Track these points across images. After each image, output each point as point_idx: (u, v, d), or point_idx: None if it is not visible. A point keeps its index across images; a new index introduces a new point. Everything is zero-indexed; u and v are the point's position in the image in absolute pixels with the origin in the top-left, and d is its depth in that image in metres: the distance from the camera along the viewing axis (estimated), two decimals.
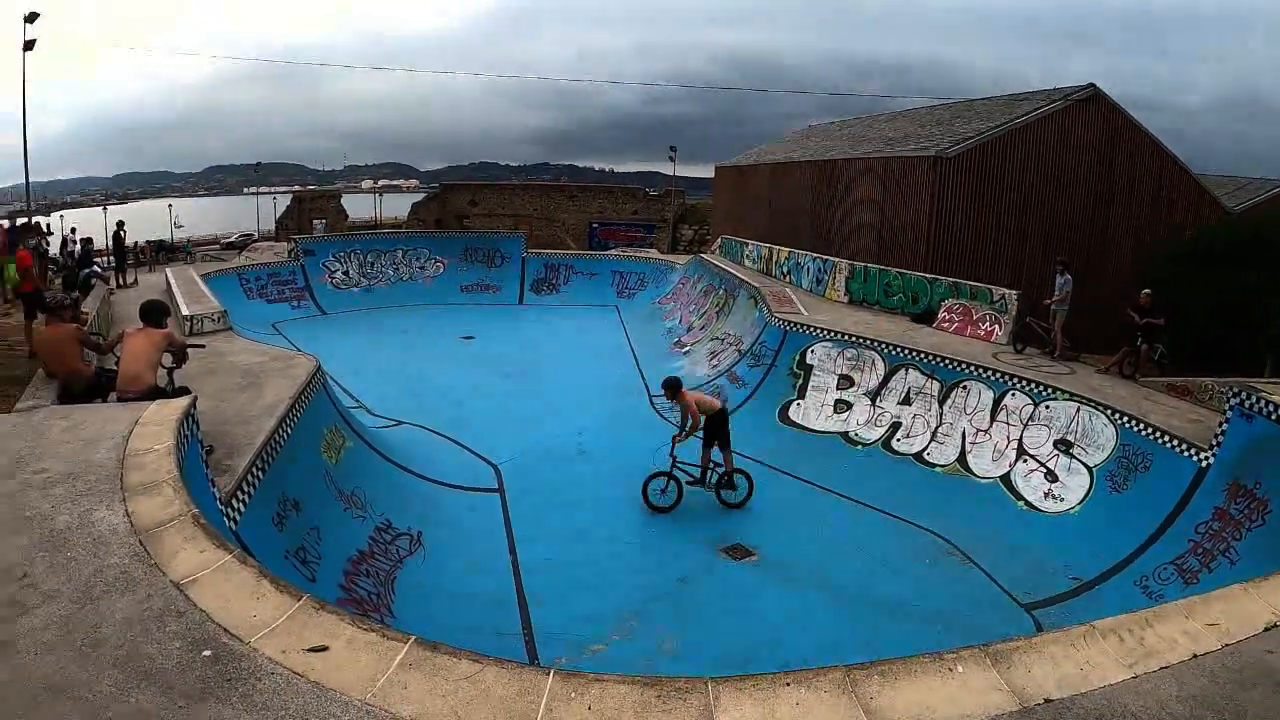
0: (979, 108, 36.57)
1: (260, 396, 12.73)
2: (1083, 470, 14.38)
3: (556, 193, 71.92)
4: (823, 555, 13.46)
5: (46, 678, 4.08)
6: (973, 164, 29.99)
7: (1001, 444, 15.84)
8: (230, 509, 8.67)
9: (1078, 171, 31.08)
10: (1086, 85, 31.50)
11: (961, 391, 17.02)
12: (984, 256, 29.70)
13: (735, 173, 53.33)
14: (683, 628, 11.13)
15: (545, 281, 38.54)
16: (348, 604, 9.84)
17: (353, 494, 12.87)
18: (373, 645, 4.50)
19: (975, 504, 15.01)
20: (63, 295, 12.82)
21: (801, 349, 20.33)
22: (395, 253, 37.98)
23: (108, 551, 5.32)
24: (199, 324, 19.01)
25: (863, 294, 24.88)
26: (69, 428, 7.71)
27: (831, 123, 54.47)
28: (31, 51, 33.98)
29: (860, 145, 39.70)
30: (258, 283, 32.69)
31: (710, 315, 28.57)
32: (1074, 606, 11.56)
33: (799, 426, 18.86)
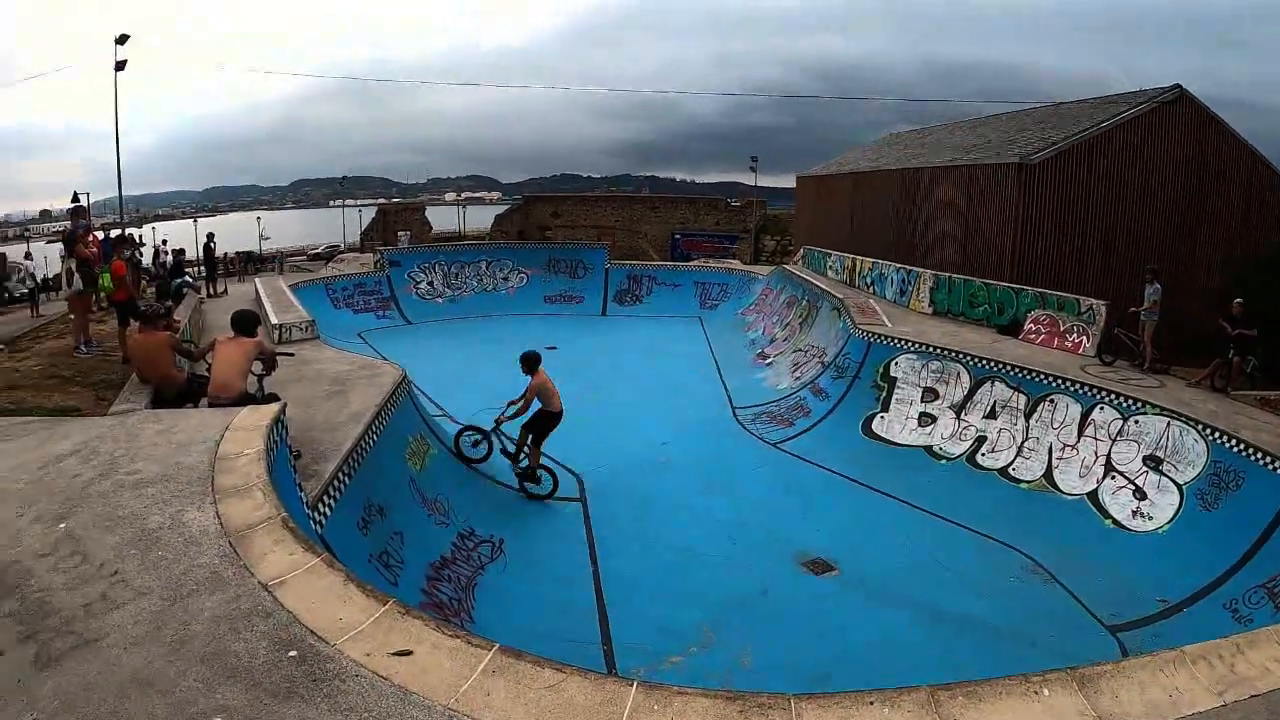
0: (1063, 112, 35.84)
1: (347, 404, 12.94)
2: (1172, 488, 13.99)
3: (638, 204, 71.91)
4: (905, 571, 13.28)
5: (135, 672, 4.19)
6: (1058, 170, 29.37)
7: (1089, 460, 15.49)
8: (317, 513, 8.83)
9: (1165, 176, 30.22)
10: (1172, 86, 30.62)
11: (1048, 405, 16.69)
12: (1070, 266, 29.05)
13: (817, 182, 53.00)
14: (762, 641, 11.05)
15: (628, 292, 38.66)
16: (429, 608, 9.93)
17: (436, 500, 13.02)
18: (457, 651, 4.53)
19: (1061, 521, 14.70)
20: (156, 304, 13.14)
21: (885, 361, 20.11)
22: (479, 264, 38.38)
23: (198, 551, 5.44)
24: (288, 332, 19.39)
25: (947, 305, 24.58)
26: (162, 431, 7.90)
27: (913, 130, 53.92)
28: (123, 71, 35.05)
29: (943, 153, 39.19)
30: (344, 293, 33.25)
31: (793, 326, 28.42)
32: (1160, 629, 11.25)
33: (882, 440, 18.67)
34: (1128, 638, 11.31)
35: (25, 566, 5.24)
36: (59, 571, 5.18)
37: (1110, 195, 29.82)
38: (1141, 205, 30.03)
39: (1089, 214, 29.76)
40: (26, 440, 7.80)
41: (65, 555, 5.38)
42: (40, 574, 5.15)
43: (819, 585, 12.78)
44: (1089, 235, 29.84)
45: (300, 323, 20.03)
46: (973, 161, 33.56)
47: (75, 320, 15.06)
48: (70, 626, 4.59)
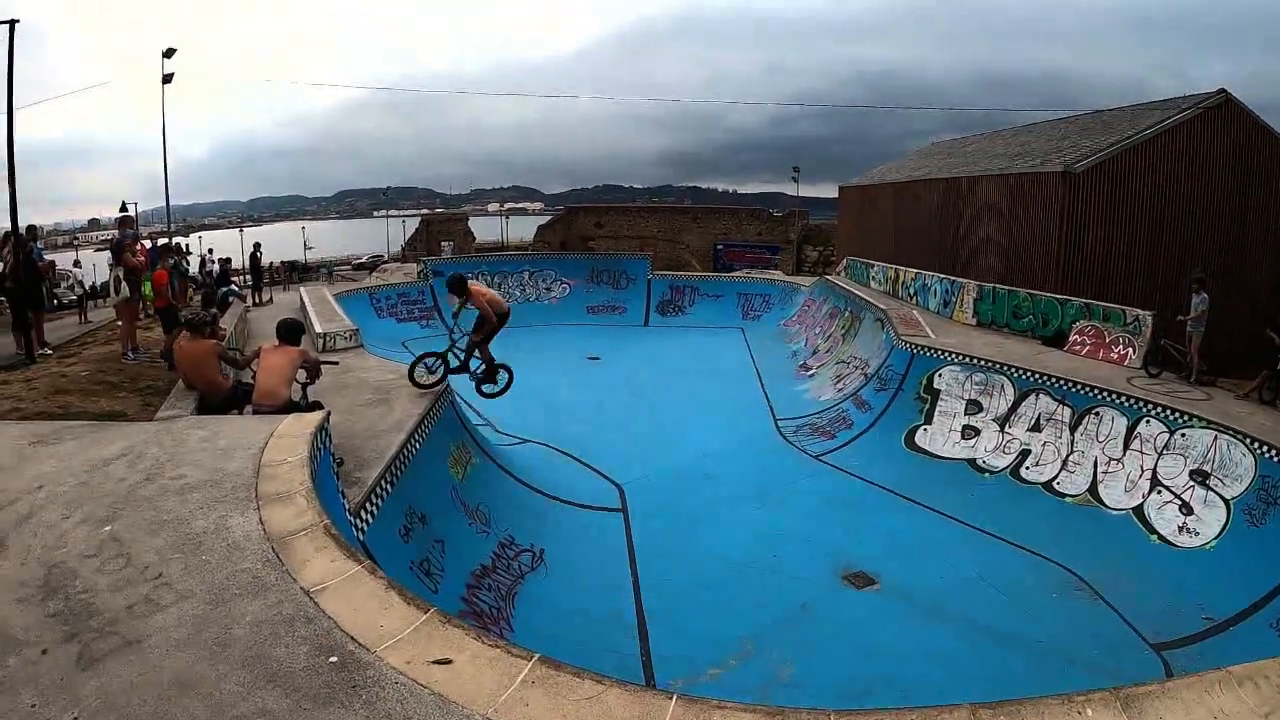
0: (1107, 119, 35.39)
1: (390, 412, 13.02)
2: (1219, 503, 13.69)
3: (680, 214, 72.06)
4: (946, 586, 13.17)
5: (176, 674, 4.23)
6: (1104, 178, 28.97)
7: (1135, 474, 15.23)
8: (359, 520, 8.88)
9: (1211, 183, 29.68)
10: (1217, 92, 30.11)
11: (1094, 418, 16.46)
12: (1116, 276, 28.65)
13: (859, 192, 52.81)
14: (801, 655, 11.01)
15: (671, 303, 38.71)
16: (468, 616, 9.99)
17: (478, 509, 13.08)
18: (496, 661, 4.53)
19: (1106, 537, 14.45)
20: (203, 312, 13.30)
21: (929, 373, 19.96)
22: (522, 274, 38.61)
23: (241, 556, 5.49)
24: (332, 341, 19.56)
25: (991, 316, 24.37)
26: (207, 437, 7.99)
27: (956, 139, 53.56)
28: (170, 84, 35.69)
29: (985, 161, 38.90)
30: (388, 302, 33.56)
31: (836, 338, 28.31)
32: (1206, 648, 11.02)
33: (925, 453, 18.52)
34: (1173, 656, 11.11)
35: (70, 568, 5.32)
36: (103, 573, 5.25)
37: (1155, 203, 29.39)
38: (1188, 212, 29.59)
39: (1134, 222, 29.37)
40: (73, 444, 7.91)
41: (110, 557, 5.45)
42: (85, 575, 5.22)
43: (860, 599, 12.71)
44: (1134, 244, 29.45)
45: (344, 331, 20.22)
46: (1016, 170, 33.29)
47: (122, 327, 15.27)
48: (113, 628, 4.65)
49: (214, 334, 12.19)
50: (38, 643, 4.51)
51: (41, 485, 6.72)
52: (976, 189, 35.57)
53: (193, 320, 11.65)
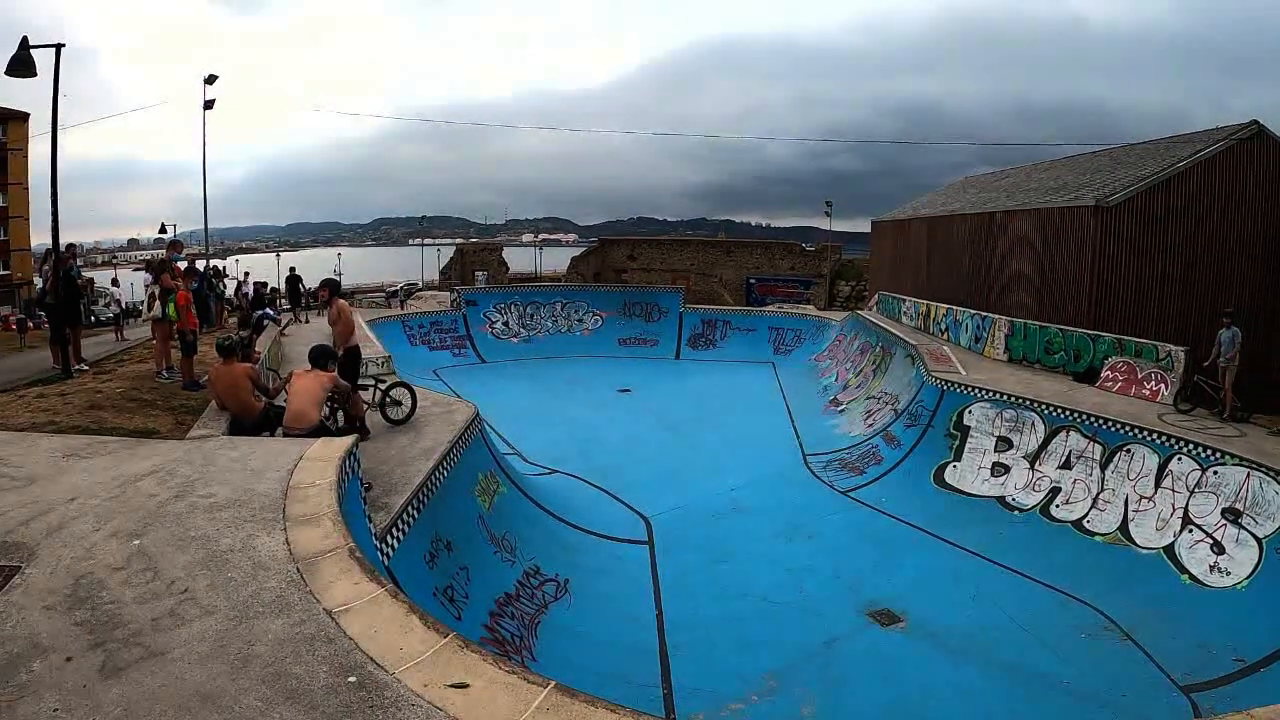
0: (1139, 152, 35.19)
1: (419, 439, 13.10)
2: (1252, 542, 13.45)
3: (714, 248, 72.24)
4: (973, 625, 13.05)
5: (198, 687, 4.28)
6: (1136, 212, 28.75)
7: (1166, 512, 15.04)
8: (385, 544, 8.94)
9: (1245, 215, 29.32)
10: (1250, 123, 29.93)
11: (1125, 455, 16.30)
12: (1149, 311, 28.38)
13: (892, 227, 52.72)
14: (825, 692, 10.96)
15: (702, 337, 38.77)
16: (490, 644, 10.00)
17: (503, 538, 13.12)
18: (512, 687, 4.54)
19: (1136, 576, 14.27)
20: (234, 336, 13.46)
21: (959, 409, 19.86)
22: (555, 305, 38.77)
23: (266, 575, 5.55)
24: (364, 367, 19.65)
25: (1023, 352, 24.24)
26: (238, 458, 8.12)
27: (989, 173, 53.46)
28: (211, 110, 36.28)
29: (1018, 196, 38.76)
30: (420, 330, 33.83)
31: (867, 373, 28.26)
32: (1236, 689, 10.78)
33: (954, 490, 18.39)
34: (1202, 698, 10.91)
35: (98, 579, 5.41)
36: (130, 585, 5.33)
37: (1189, 236, 29.12)
38: (1221, 245, 29.30)
39: (1167, 256, 29.12)
40: (106, 459, 8.06)
41: (137, 570, 5.54)
42: (112, 587, 5.30)
43: (886, 637, 12.63)
44: (1168, 278, 29.19)
45: (377, 358, 20.32)
46: (1049, 204, 33.16)
47: (157, 346, 15.44)
48: (138, 639, 4.71)
49: (248, 357, 12.31)
50: (63, 650, 4.57)
51: (74, 497, 6.85)
52: (1009, 223, 35.46)
53: (223, 344, 11.79)
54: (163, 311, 14.97)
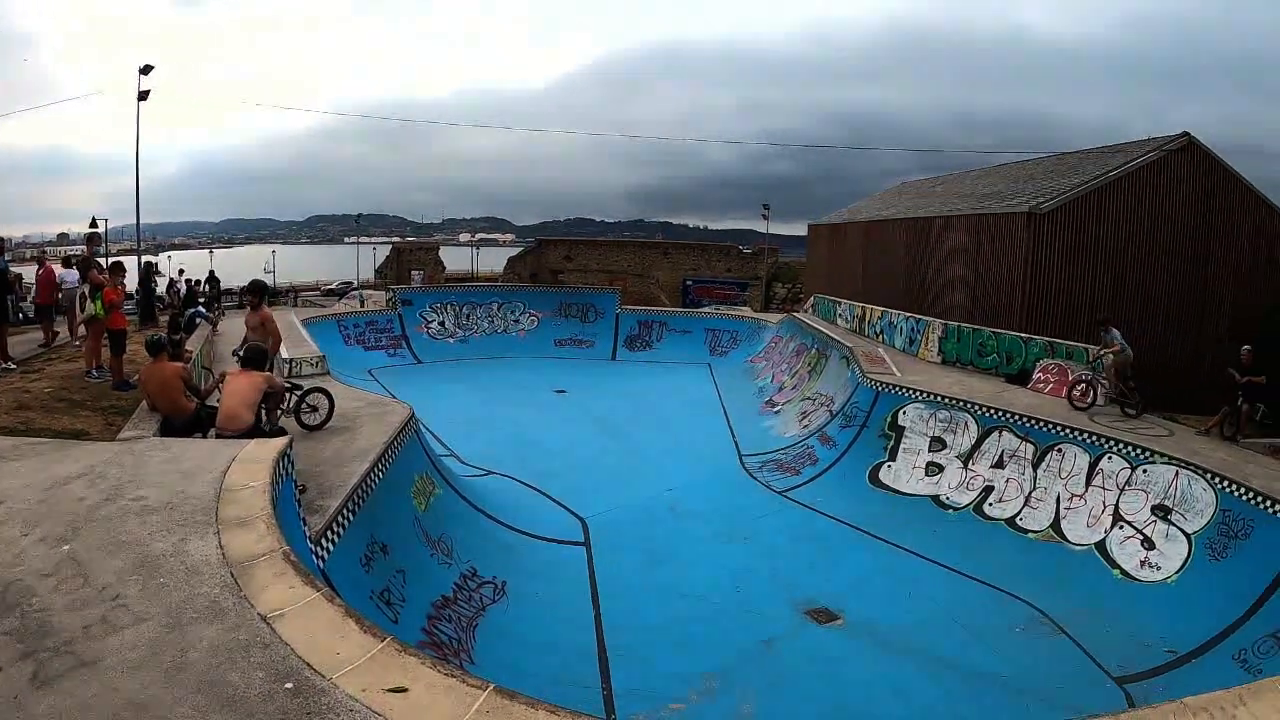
0: (1072, 161, 35.95)
1: (354, 441, 12.98)
2: (1181, 537, 13.85)
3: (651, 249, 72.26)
4: (910, 622, 13.22)
5: (131, 696, 4.19)
6: (1068, 219, 29.39)
7: (1097, 509, 15.38)
8: (320, 548, 8.84)
9: (1174, 225, 30.17)
10: (1180, 134, 30.73)
11: (1056, 455, 16.61)
12: (1080, 315, 28.98)
13: (829, 231, 53.20)
14: (764, 690, 11.02)
15: (639, 338, 38.80)
16: (429, 647, 9.92)
17: (440, 540, 13.02)
18: (451, 690, 4.51)
19: (1069, 572, 14.58)
20: (162, 335, 13.23)
21: (893, 410, 20.07)
22: (491, 305, 38.60)
23: (199, 581, 5.45)
24: (298, 368, 19.44)
25: (956, 354, 24.56)
26: (169, 459, 7.97)
27: (925, 179, 54.13)
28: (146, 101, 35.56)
29: (953, 202, 39.33)
30: (356, 330, 33.46)
31: (802, 375, 28.44)
32: (1169, 680, 11.11)
33: (889, 489, 18.59)
34: (1136, 689, 11.19)
35: (27, 585, 5.27)
36: (60, 593, 5.20)
37: (1119, 243, 29.85)
38: (1151, 253, 30.06)
39: (1098, 262, 29.79)
40: (34, 461, 7.87)
41: (67, 577, 5.41)
42: (42, 594, 5.18)
43: (823, 635, 12.73)
44: (1098, 284, 29.84)
45: (311, 358, 20.11)
46: (983, 210, 33.68)
47: (87, 345, 15.12)
48: (69, 647, 4.61)
49: (179, 356, 12.11)
50: None
51: (0, 501, 6.67)
52: (944, 229, 35.96)
53: (153, 342, 11.58)
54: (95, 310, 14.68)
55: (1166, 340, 29.73)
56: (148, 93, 35.84)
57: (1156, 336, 29.45)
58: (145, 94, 35.79)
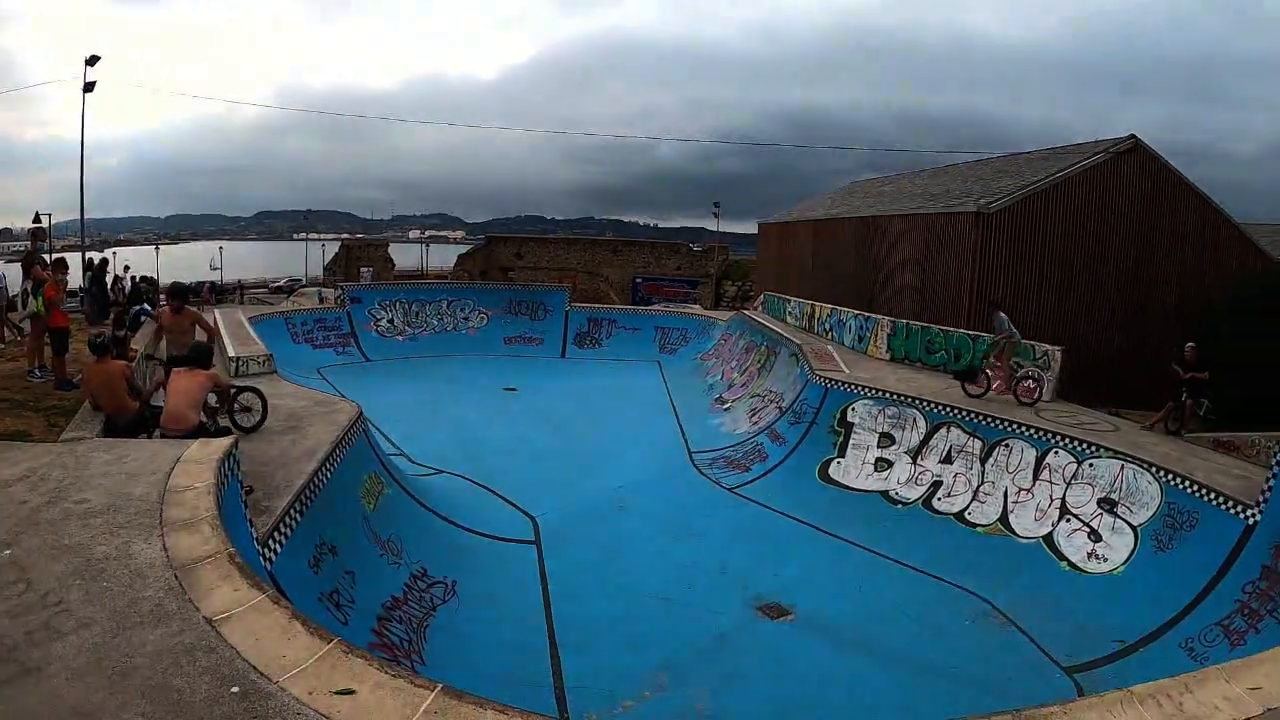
0: (1021, 162, 36.47)
1: (302, 440, 12.83)
2: (1127, 529, 14.10)
3: (601, 247, 72.41)
4: (861, 615, 13.32)
5: (76, 704, 4.13)
6: (1015, 219, 29.83)
7: (1044, 503, 15.58)
8: (267, 549, 8.74)
9: (1120, 225, 30.77)
10: (1127, 137, 31.29)
11: (1004, 450, 16.80)
12: (1027, 313, 29.36)
13: (779, 229, 53.47)
14: (717, 685, 11.04)
15: (588, 335, 38.70)
16: (379, 649, 9.84)
17: (389, 540, 12.90)
18: (400, 691, 4.50)
19: (1017, 564, 14.76)
20: (107, 333, 13.04)
21: (842, 407, 20.16)
22: (440, 303, 38.31)
23: (143, 584, 5.39)
24: (244, 366, 19.21)
25: (904, 351, 24.74)
26: (112, 461, 7.85)
27: (875, 178, 54.57)
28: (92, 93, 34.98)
29: (903, 201, 39.70)
30: (304, 328, 33.04)
31: (752, 372, 28.51)
32: (1117, 669, 11.28)
33: (839, 485, 18.67)
34: (1085, 679, 11.35)
35: None
36: (1, 598, 5.13)
37: (1066, 243, 30.34)
38: (1097, 252, 30.59)
39: (1045, 261, 30.25)
40: None
41: (9, 582, 5.33)
42: None
43: (775, 630, 12.77)
44: (1045, 282, 30.30)
45: (258, 356, 19.88)
46: (931, 210, 34.02)
47: (29, 344, 14.86)
48: (12, 654, 4.54)
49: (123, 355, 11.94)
50: None
51: None
52: (893, 227, 36.30)
53: (96, 341, 11.42)
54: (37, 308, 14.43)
55: (1112, 337, 30.25)
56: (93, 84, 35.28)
57: (1102, 334, 29.98)
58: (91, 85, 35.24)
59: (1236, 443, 15.97)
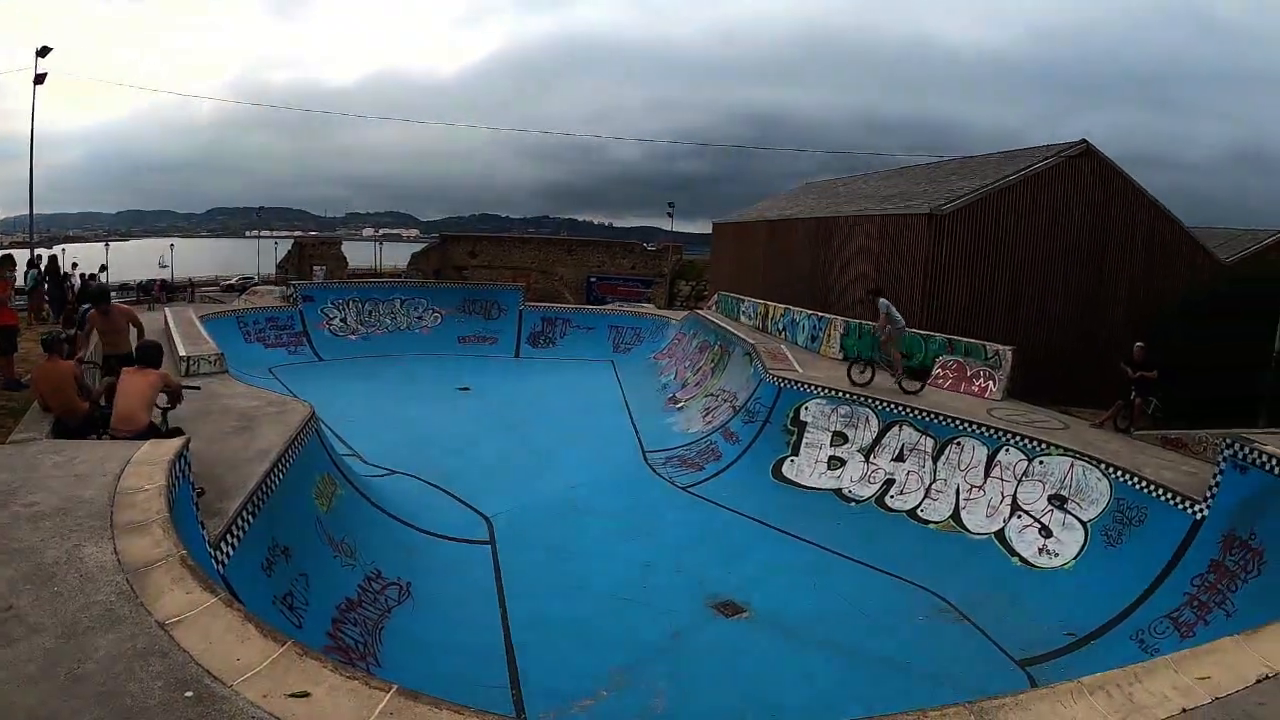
0: (974, 164, 36.91)
1: (254, 441, 12.70)
2: (1077, 525, 14.33)
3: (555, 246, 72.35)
4: (815, 612, 13.40)
5: (29, 711, 4.07)
6: (968, 221, 30.22)
7: (995, 500, 15.79)
8: (219, 552, 8.63)
9: (1071, 228, 31.31)
10: (1079, 141, 31.82)
11: (955, 448, 17.00)
12: (979, 313, 29.79)
13: (733, 229, 53.65)
14: (674, 684, 11.05)
15: (542, 335, 38.62)
16: (334, 652, 9.77)
17: (343, 542, 12.81)
18: (355, 693, 4.47)
19: (969, 560, 14.95)
20: (59, 332, 12.87)
21: (796, 405, 20.28)
22: (394, 302, 38.07)
23: (95, 588, 5.32)
24: (195, 365, 18.97)
25: (857, 350, 24.81)
26: (62, 462, 7.74)
27: (830, 179, 54.91)
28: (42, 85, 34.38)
29: (857, 202, 40.01)
30: (256, 326, 32.69)
31: (705, 371, 28.57)
32: (1069, 662, 11.48)
33: (792, 483, 18.79)
34: (1037, 671, 11.51)
35: None
36: None
37: (1018, 244, 30.77)
38: (1048, 254, 31.06)
39: (997, 262, 30.65)
40: None
41: None
42: None
43: (730, 627, 12.82)
44: (997, 283, 30.69)
45: (209, 356, 19.63)
46: (885, 211, 34.31)
47: None
48: None
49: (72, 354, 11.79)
50: None
51: None
52: (847, 228, 36.56)
53: (47, 340, 11.27)
54: None
55: (1063, 338, 30.70)
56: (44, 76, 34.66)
57: (1053, 334, 30.44)
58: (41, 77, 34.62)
59: (1184, 440, 16.27)
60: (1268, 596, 10.36)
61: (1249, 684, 4.85)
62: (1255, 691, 4.78)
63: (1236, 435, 12.63)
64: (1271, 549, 10.99)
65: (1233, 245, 38.35)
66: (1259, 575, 10.96)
